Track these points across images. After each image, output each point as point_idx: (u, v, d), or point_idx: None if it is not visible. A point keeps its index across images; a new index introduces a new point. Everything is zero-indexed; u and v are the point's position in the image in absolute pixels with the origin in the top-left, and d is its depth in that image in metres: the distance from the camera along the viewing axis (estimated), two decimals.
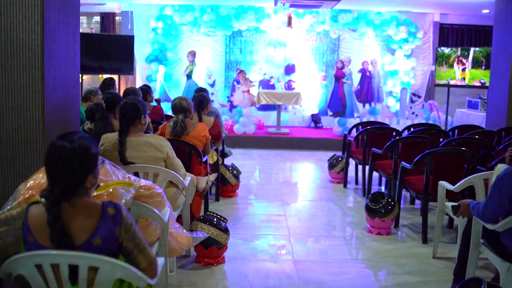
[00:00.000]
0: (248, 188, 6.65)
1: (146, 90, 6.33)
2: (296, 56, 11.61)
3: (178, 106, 4.69)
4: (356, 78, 11.60)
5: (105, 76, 11.15)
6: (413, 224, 5.30)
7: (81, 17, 12.47)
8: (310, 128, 11.01)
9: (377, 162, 5.91)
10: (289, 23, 10.78)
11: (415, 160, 4.66)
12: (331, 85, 11.57)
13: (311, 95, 11.58)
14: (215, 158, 5.68)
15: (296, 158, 9.02)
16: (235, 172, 6.11)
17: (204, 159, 4.91)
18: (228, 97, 11.65)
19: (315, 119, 11.19)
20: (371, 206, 4.92)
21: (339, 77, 11.32)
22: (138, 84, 11.88)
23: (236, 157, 8.66)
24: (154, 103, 6.66)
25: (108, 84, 6.97)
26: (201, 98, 5.43)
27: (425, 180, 4.58)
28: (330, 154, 8.30)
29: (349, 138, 6.77)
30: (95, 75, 11.59)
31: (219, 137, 5.53)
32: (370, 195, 5.02)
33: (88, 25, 12.25)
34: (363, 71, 11.61)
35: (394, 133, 6.38)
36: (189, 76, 10.96)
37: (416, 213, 5.68)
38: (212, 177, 4.73)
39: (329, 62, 11.67)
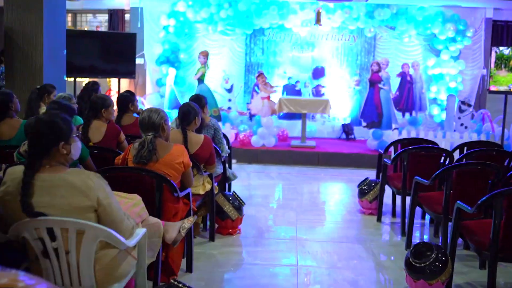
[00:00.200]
0: (256, 221, 5.54)
1: (128, 98, 5.23)
2: (325, 57, 11.04)
3: (146, 121, 3.48)
4: (395, 83, 10.80)
5: (109, 80, 10.25)
6: (471, 286, 3.89)
7: (87, 14, 11.67)
8: (341, 140, 10.29)
9: (421, 195, 4.59)
10: (318, 20, 9.99)
11: (479, 202, 3.28)
12: (366, 91, 10.76)
13: (343, 102, 10.93)
14: (208, 187, 4.44)
15: (323, 177, 8.08)
16: (236, 203, 4.91)
17: (184, 193, 3.65)
18: (247, 103, 10.85)
19: (347, 129, 10.35)
20: (413, 262, 3.56)
21: (375, 81, 10.42)
22: (148, 89, 10.94)
23: (250, 176, 7.83)
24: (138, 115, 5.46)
25: (89, 90, 5.88)
26: (186, 110, 4.24)
27: (493, 231, 3.20)
28: (362, 172, 7.91)
29: (385, 160, 5.47)
30: (101, 79, 10.69)
31: (210, 160, 4.30)
32: (412, 248, 3.67)
33: (95, 24, 11.39)
34: (402, 75, 10.78)
35: (443, 155, 5.03)
36: (200, 80, 9.93)
37: (473, 263, 4.29)
38: (189, 222, 3.46)
39: (364, 64, 11.01)
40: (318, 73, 11.03)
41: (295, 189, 7.15)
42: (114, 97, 9.59)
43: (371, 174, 7.00)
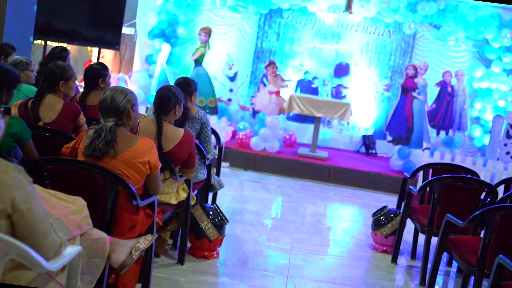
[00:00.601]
0: (241, 244, 5.21)
1: (98, 72, 4.95)
2: (352, 53, 10.85)
3: (108, 103, 3.13)
4: (432, 93, 10.52)
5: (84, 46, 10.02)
6: None
7: None
8: (359, 154, 10.09)
9: (452, 238, 4.27)
10: (349, 7, 9.78)
11: None
12: (396, 99, 10.49)
13: (367, 108, 10.77)
14: (183, 196, 4.12)
15: (331, 198, 7.83)
16: (217, 220, 4.61)
17: (146, 202, 3.30)
18: (252, 97, 10.66)
19: (368, 142, 10.11)
20: None
21: (409, 88, 10.10)
22: (136, 66, 10.84)
23: (244, 185, 7.68)
24: None
25: (56, 56, 5.57)
26: (165, 95, 3.93)
27: None
28: (380, 197, 7.84)
29: (411, 188, 5.14)
30: (83, 47, 10.62)
31: (189, 162, 3.97)
32: None
33: None
34: (443, 85, 10.48)
35: (485, 190, 4.70)
36: (198, 61, 9.66)
37: None
38: (145, 242, 3.10)
39: (398, 66, 10.81)
40: (342, 70, 10.91)
41: (295, 208, 6.90)
42: None
43: (391, 201, 6.79)
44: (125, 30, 10.17)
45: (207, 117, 4.85)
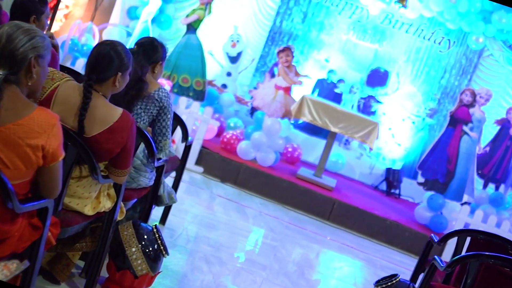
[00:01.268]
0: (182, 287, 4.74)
1: (31, 5, 4.62)
2: (396, 58, 10.91)
3: (2, 45, 2.61)
4: (489, 132, 10.36)
5: None
6: None
7: None
8: (377, 191, 9.99)
9: None
10: None
11: None
12: (440, 130, 10.29)
13: (399, 134, 10.57)
14: (107, 206, 3.62)
15: (328, 243, 7.49)
16: (152, 249, 4.09)
17: (32, 206, 2.87)
18: (254, 88, 10.45)
19: (392, 178, 9.88)
20: None
21: (460, 120, 9.70)
22: (114, 18, 10.67)
23: (215, 203, 7.32)
24: None
25: None
26: (105, 53, 3.46)
27: None
28: (392, 255, 7.71)
29: (436, 259, 4.63)
30: None
31: (122, 159, 3.46)
32: None
33: None
34: (505, 125, 10.20)
35: None
36: (192, 27, 9.38)
37: None
38: (7, 270, 2.51)
39: (451, 87, 10.78)
40: (378, 78, 10.81)
41: (275, 249, 6.47)
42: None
43: (406, 265, 6.62)
44: None
45: (170, 100, 4.39)
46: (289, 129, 9.62)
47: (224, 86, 10.31)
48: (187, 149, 5.64)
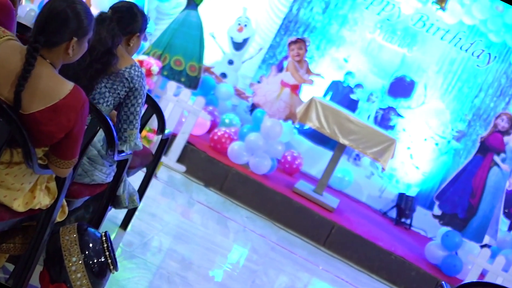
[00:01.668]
0: None
1: None
2: (425, 68, 10.84)
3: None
4: None
5: None
6: None
7: None
8: (385, 217, 9.93)
9: None
10: (443, 0, 9.89)
11: None
12: (467, 156, 10.15)
13: (419, 156, 10.66)
14: (44, 202, 3.48)
15: (320, 273, 7.33)
16: (97, 261, 3.89)
17: None
18: (257, 82, 10.32)
19: (404, 206, 9.78)
20: None
21: (492, 148, 9.41)
22: None
23: (192, 210, 7.17)
24: None
25: None
26: (59, 10, 3.20)
27: None
28: None
29: None
30: None
31: (64, 148, 3.23)
32: None
33: None
34: None
35: None
36: (192, 2, 9.13)
37: None
38: None
39: (485, 109, 10.67)
40: (402, 88, 10.76)
41: (255, 274, 6.29)
42: None
43: None
44: None
45: (143, 82, 4.09)
46: (292, 134, 9.54)
47: (224, 75, 10.18)
48: (163, 143, 5.35)
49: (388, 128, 10.32)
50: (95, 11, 9.32)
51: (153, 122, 8.31)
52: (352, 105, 10.29)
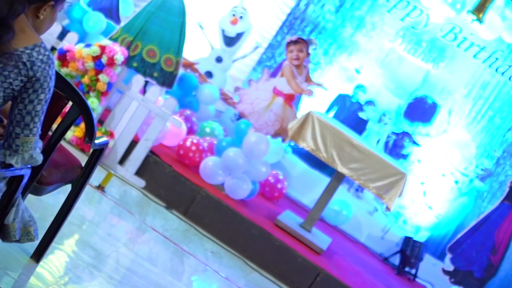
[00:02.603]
0: None
1: None
2: (452, 90, 10.59)
3: None
4: None
5: None
6: None
7: None
8: (386, 264, 9.61)
9: None
10: (480, 10, 9.62)
11: None
12: (492, 202, 10.00)
13: (433, 194, 10.36)
14: None
15: None
16: None
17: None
18: (245, 89, 9.91)
19: (410, 253, 9.47)
20: None
21: None
22: None
23: (141, 242, 6.46)
24: None
25: None
26: None
27: None
28: None
29: None
30: None
31: None
32: None
33: None
34: None
35: None
36: None
37: None
38: None
39: None
40: (422, 110, 10.57)
41: None
42: None
43: None
44: None
45: (50, 70, 3.38)
46: (281, 153, 9.11)
47: (209, 74, 9.68)
48: (96, 154, 4.47)
49: (400, 157, 10.11)
50: None
51: (112, 121, 7.69)
52: (359, 126, 10.02)
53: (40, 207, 5.01)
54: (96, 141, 4.18)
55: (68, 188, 4.43)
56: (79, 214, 5.28)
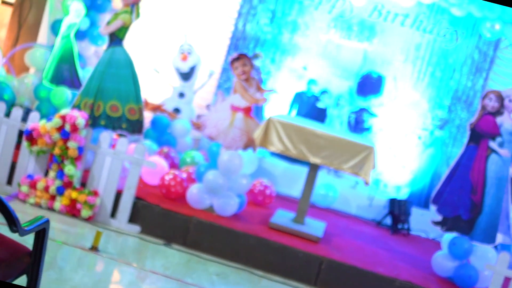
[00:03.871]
0: None
1: None
2: (390, 60, 9.74)
3: None
4: None
5: None
6: None
7: None
8: (380, 227, 8.69)
9: None
10: None
11: None
12: (455, 144, 9.37)
13: (403, 153, 9.61)
14: None
15: None
16: None
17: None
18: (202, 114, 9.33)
19: (398, 212, 8.59)
20: None
21: (485, 133, 7.85)
22: (42, 36, 9.00)
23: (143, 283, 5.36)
24: None
25: None
26: None
27: None
28: None
29: None
30: None
31: None
32: None
33: None
34: None
35: None
36: (116, 37, 7.28)
37: None
38: None
39: (464, 90, 9.51)
40: (370, 85, 9.70)
41: None
42: None
43: None
44: None
45: None
46: (256, 161, 7.88)
47: (177, 110, 8.61)
48: (39, 235, 3.21)
49: (364, 131, 9.25)
50: (31, 61, 7.31)
51: (93, 181, 6.43)
52: (321, 115, 9.14)
53: None
54: (27, 227, 2.93)
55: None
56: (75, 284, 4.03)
